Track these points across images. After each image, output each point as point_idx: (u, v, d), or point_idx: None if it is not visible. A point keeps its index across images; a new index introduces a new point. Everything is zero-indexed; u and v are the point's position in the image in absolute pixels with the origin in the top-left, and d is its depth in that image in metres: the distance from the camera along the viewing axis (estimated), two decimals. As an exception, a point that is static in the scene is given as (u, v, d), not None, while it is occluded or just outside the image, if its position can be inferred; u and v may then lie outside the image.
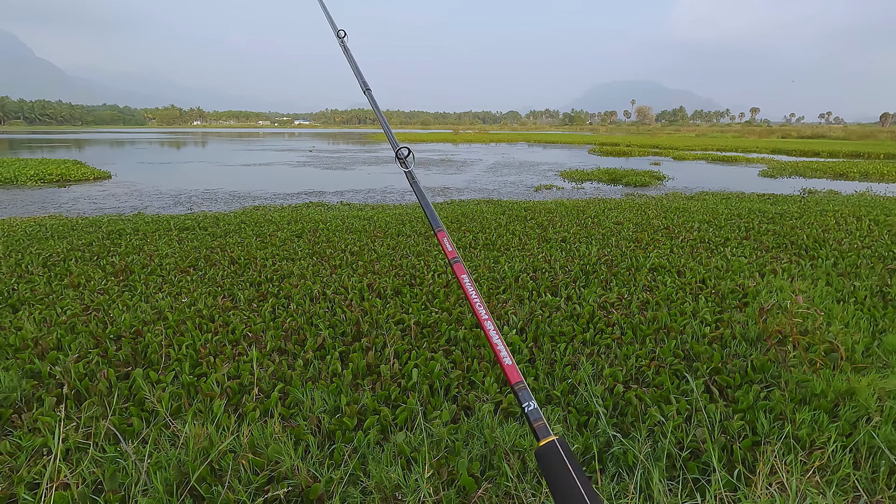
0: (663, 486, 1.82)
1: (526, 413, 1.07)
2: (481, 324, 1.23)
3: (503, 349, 1.18)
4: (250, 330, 3.13)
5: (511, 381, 1.13)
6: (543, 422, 1.05)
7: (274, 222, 7.09)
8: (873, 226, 6.59)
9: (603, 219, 7.25)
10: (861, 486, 1.85)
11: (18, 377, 2.50)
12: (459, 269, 1.36)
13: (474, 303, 1.27)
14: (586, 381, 2.47)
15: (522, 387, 1.12)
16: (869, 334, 3.03)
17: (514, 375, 1.14)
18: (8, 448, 1.97)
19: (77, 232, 6.40)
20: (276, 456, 1.91)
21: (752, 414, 2.20)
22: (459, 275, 1.34)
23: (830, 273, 4.34)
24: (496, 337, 1.20)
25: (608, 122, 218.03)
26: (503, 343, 1.19)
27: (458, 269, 1.36)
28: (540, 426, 1.04)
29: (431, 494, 1.77)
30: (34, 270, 4.47)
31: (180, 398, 2.34)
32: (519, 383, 1.12)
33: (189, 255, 5.04)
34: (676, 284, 4.04)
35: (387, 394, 2.41)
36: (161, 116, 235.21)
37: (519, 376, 1.13)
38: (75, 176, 15.75)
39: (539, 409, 1.07)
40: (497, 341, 1.19)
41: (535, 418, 1.06)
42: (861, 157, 26.31)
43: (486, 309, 1.25)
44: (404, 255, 5.09)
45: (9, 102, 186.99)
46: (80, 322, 3.22)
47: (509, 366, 1.15)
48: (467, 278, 1.32)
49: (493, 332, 1.21)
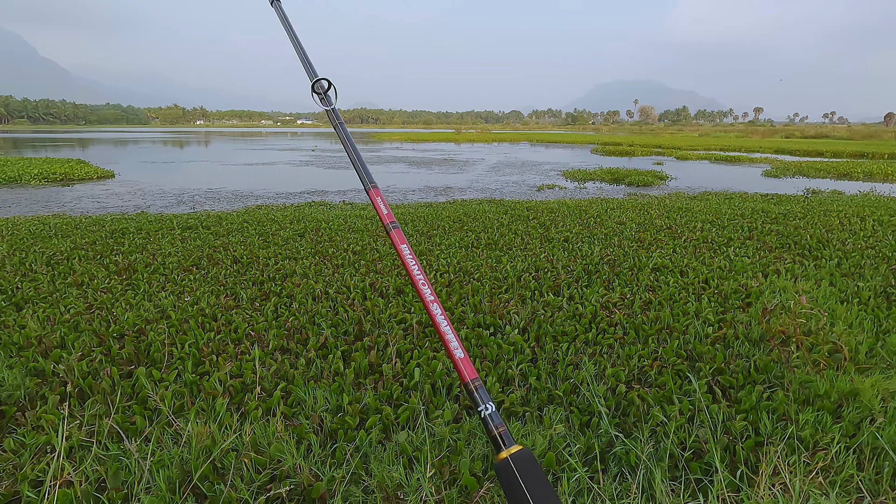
0: (666, 486, 1.81)
1: (482, 417, 0.86)
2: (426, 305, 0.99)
3: (453, 339, 0.97)
4: (253, 329, 3.14)
5: (463, 378, 0.92)
6: (505, 428, 0.85)
7: (276, 221, 7.10)
8: (877, 226, 6.56)
9: (605, 218, 7.24)
10: (865, 487, 1.84)
11: (22, 375, 2.51)
12: (399, 236, 1.09)
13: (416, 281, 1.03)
14: (588, 380, 2.47)
15: (479, 385, 0.91)
16: (873, 335, 3.02)
17: (469, 372, 0.93)
18: (12, 446, 1.98)
19: (80, 231, 6.42)
20: (278, 454, 1.91)
21: (754, 414, 2.19)
22: (398, 245, 1.07)
23: (834, 273, 4.33)
24: (444, 323, 0.98)
25: (611, 121, 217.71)
26: (453, 331, 0.98)
27: (398, 236, 1.09)
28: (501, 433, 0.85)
29: (433, 494, 1.77)
30: (38, 269, 4.49)
31: (183, 396, 2.35)
32: (474, 380, 0.92)
33: (192, 254, 5.05)
34: (679, 284, 4.03)
35: (389, 393, 2.41)
36: (164, 116, 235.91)
37: (474, 373, 0.93)
38: (79, 175, 15.80)
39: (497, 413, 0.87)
40: (446, 329, 0.97)
41: (496, 423, 0.87)
42: (865, 157, 26.20)
43: (430, 287, 1.02)
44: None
45: (13, 101, 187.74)
46: (83, 320, 3.23)
47: (461, 359, 0.95)
48: (408, 250, 1.07)
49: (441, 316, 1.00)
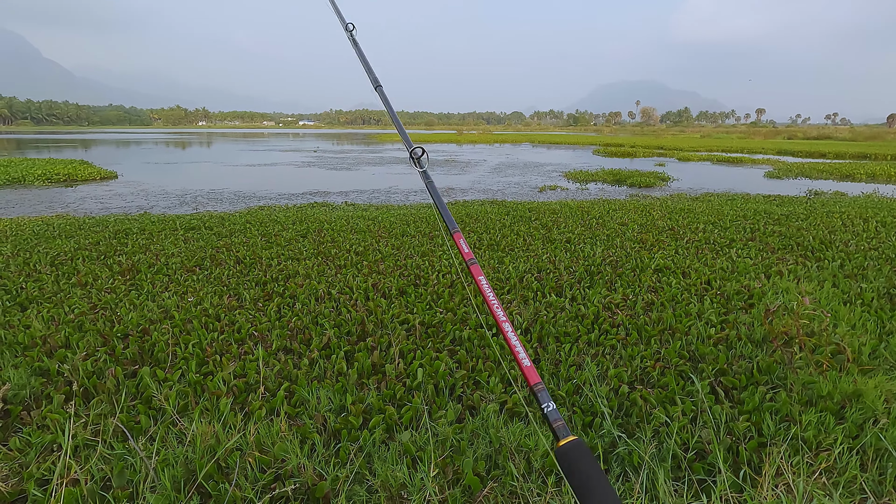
0: (669, 486, 1.82)
1: (545, 413, 1.09)
2: (500, 326, 1.23)
3: (521, 351, 1.19)
4: (256, 329, 3.15)
5: (530, 382, 1.15)
6: (563, 422, 1.07)
7: (279, 222, 7.12)
8: (880, 227, 6.55)
9: (607, 219, 7.24)
10: (868, 488, 1.84)
11: (27, 375, 2.53)
12: (476, 270, 1.36)
13: (492, 305, 1.27)
14: (591, 381, 2.47)
15: (541, 388, 1.14)
16: (876, 336, 3.02)
17: (534, 377, 1.15)
18: (18, 445, 1.99)
19: (84, 231, 6.44)
20: (282, 454, 1.92)
21: (757, 415, 2.19)
22: (476, 277, 1.35)
23: (837, 274, 4.32)
24: (514, 339, 1.21)
25: (613, 122, 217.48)
26: (521, 345, 1.20)
27: (475, 270, 1.36)
28: (559, 426, 1.07)
29: (437, 493, 1.77)
30: (42, 269, 4.51)
31: (187, 396, 2.36)
32: (538, 384, 1.14)
33: (195, 255, 5.07)
34: (681, 285, 4.03)
35: (392, 393, 2.42)
36: (167, 117, 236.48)
37: (538, 378, 1.15)
38: (82, 176, 15.86)
39: (556, 410, 1.09)
40: (515, 343, 1.20)
41: (555, 419, 1.08)
42: (868, 158, 26.14)
43: (503, 311, 1.26)
44: (409, 255, 5.10)
45: (16, 102, 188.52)
46: (87, 320, 3.25)
47: (528, 367, 1.17)
48: (484, 280, 1.33)
49: (511, 333, 1.22)
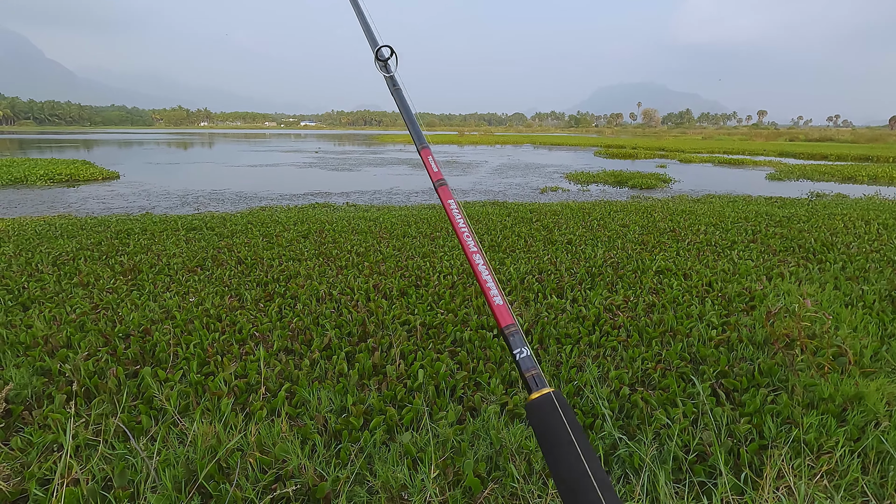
0: (669, 488, 1.82)
1: (517, 361, 0.93)
2: (468, 257, 1.08)
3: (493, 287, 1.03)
4: (257, 329, 3.15)
5: (501, 323, 0.98)
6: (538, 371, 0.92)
7: (280, 223, 7.12)
8: (882, 230, 6.54)
9: (609, 221, 7.24)
10: (870, 491, 1.84)
11: (29, 374, 2.53)
12: (445, 193, 1.19)
13: (461, 233, 1.11)
14: (592, 383, 2.47)
15: (515, 330, 0.97)
16: (878, 339, 3.01)
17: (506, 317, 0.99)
18: (19, 444, 1.99)
19: (86, 231, 6.46)
20: (283, 455, 1.92)
21: (759, 417, 2.19)
22: (445, 200, 1.18)
23: (839, 277, 4.31)
24: (486, 273, 1.04)
25: (614, 124, 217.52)
26: (494, 280, 1.03)
27: (444, 192, 1.19)
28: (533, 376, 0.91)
29: (437, 494, 1.77)
30: (44, 269, 4.52)
31: (188, 396, 2.36)
32: (510, 326, 0.97)
33: (196, 255, 5.08)
34: (683, 287, 4.03)
35: (393, 394, 2.42)
36: (168, 117, 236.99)
37: (511, 318, 0.98)
38: (84, 176, 15.90)
39: (533, 356, 0.93)
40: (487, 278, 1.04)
41: (528, 367, 0.92)
42: (870, 160, 26.09)
43: (475, 240, 1.09)
44: (410, 256, 5.10)
45: (19, 103, 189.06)
46: (89, 320, 3.25)
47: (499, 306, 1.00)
48: (454, 204, 1.16)
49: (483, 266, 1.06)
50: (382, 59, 1.45)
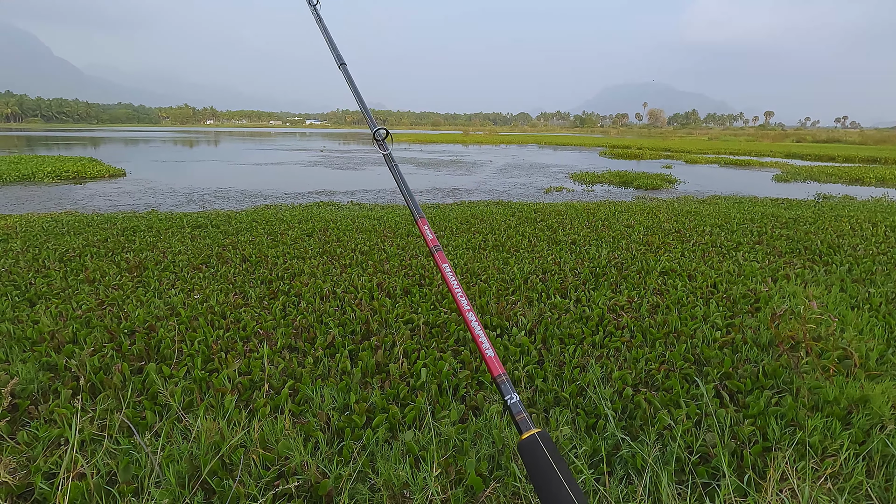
0: (672, 490, 1.81)
1: (508, 406, 1.08)
2: (463, 315, 1.24)
3: (485, 341, 1.20)
4: (261, 327, 3.17)
5: (493, 373, 1.14)
6: (525, 415, 1.06)
7: (285, 221, 7.15)
8: (889, 232, 6.49)
9: (613, 221, 7.22)
10: (874, 494, 1.83)
11: (35, 369, 2.55)
12: (441, 258, 1.37)
13: (456, 294, 1.28)
14: (595, 383, 2.46)
15: (504, 379, 1.13)
16: (884, 341, 2.99)
17: (496, 368, 1.15)
18: (26, 438, 2.01)
19: (92, 228, 6.50)
20: (286, 451, 1.93)
21: (762, 419, 2.18)
22: (441, 264, 1.36)
23: (845, 279, 4.28)
24: (478, 329, 1.21)
25: (619, 124, 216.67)
26: (485, 335, 1.20)
27: (440, 257, 1.37)
28: (522, 419, 1.06)
29: (439, 493, 1.78)
30: (51, 265, 4.56)
31: (192, 393, 2.38)
32: (500, 376, 1.14)
33: (201, 253, 5.10)
34: (687, 288, 4.01)
35: (395, 392, 2.42)
36: (175, 115, 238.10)
37: (501, 369, 1.15)
38: (91, 173, 16.00)
39: (520, 402, 1.08)
40: (479, 333, 1.20)
41: (517, 411, 1.07)
42: (878, 162, 25.88)
43: (467, 299, 1.27)
44: (413, 255, 5.11)
45: (27, 100, 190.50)
46: (95, 316, 3.28)
47: (491, 357, 1.17)
48: (449, 268, 1.34)
49: (476, 323, 1.22)
50: (380, 139, 1.63)
